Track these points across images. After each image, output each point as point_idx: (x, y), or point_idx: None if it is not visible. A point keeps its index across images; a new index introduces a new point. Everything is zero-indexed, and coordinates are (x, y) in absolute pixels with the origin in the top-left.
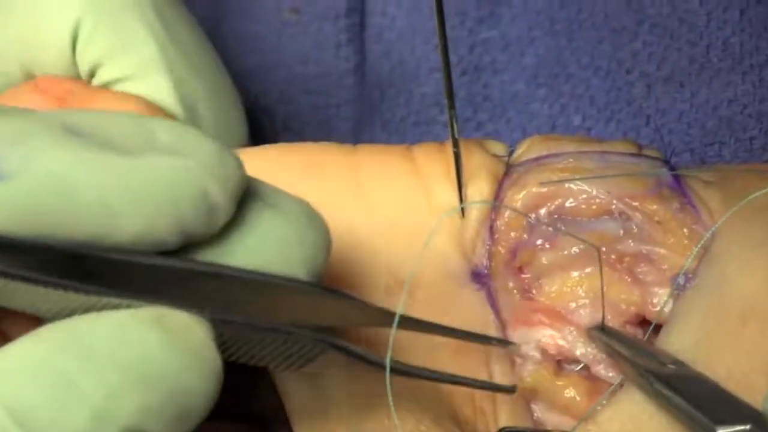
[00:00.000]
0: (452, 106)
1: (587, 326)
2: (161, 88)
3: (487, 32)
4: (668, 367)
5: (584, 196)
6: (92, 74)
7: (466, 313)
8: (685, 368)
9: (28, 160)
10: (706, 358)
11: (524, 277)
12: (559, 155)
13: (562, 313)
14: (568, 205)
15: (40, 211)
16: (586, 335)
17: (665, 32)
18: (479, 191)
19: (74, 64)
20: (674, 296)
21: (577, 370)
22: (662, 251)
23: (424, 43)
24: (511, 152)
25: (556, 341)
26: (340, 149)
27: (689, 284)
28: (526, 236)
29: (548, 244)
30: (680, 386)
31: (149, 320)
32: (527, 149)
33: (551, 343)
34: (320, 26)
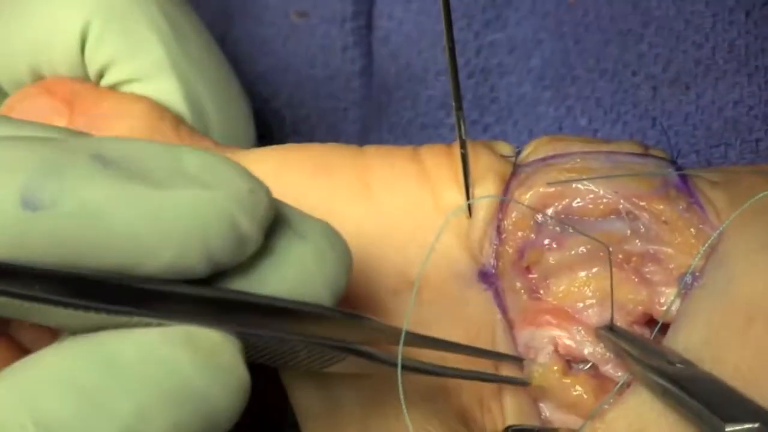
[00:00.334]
0: (459, 107)
1: (595, 325)
2: (169, 90)
3: (493, 35)
4: (676, 366)
5: (591, 196)
6: (101, 75)
7: (473, 313)
8: (692, 367)
9: (61, 192)
10: (713, 356)
11: (531, 277)
12: (566, 155)
13: (569, 312)
14: (575, 205)
15: (71, 241)
16: (594, 334)
17: (671, 34)
18: (486, 192)
19: (83, 65)
20: (681, 295)
21: (585, 369)
22: (669, 251)
23: (431, 46)
24: (518, 153)
25: (563, 341)
26: (347, 150)
27: (696, 283)
28: (533, 236)
29: (555, 243)
30: (688, 385)
31: (179, 339)
32: (534, 150)
33: (559, 342)
34: (327, 29)
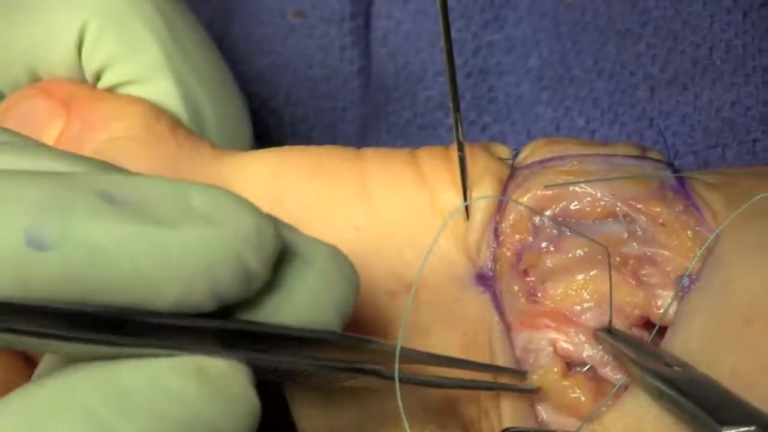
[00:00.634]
0: (457, 109)
1: (594, 328)
2: (166, 92)
3: (491, 35)
4: (674, 368)
5: (588, 198)
6: (98, 77)
7: (470, 315)
8: (690, 370)
9: (66, 231)
10: (710, 358)
11: (529, 279)
12: (563, 158)
13: (567, 315)
14: (572, 207)
15: (78, 280)
16: (592, 337)
17: (669, 35)
18: (484, 194)
19: (80, 67)
20: (678, 298)
21: (583, 371)
22: (666, 253)
23: (429, 46)
24: (515, 155)
25: (561, 344)
26: (345, 153)
27: (693, 286)
28: (531, 239)
29: (553, 246)
30: (685, 387)
31: (188, 369)
32: (531, 152)
33: (557, 345)
34: (326, 29)
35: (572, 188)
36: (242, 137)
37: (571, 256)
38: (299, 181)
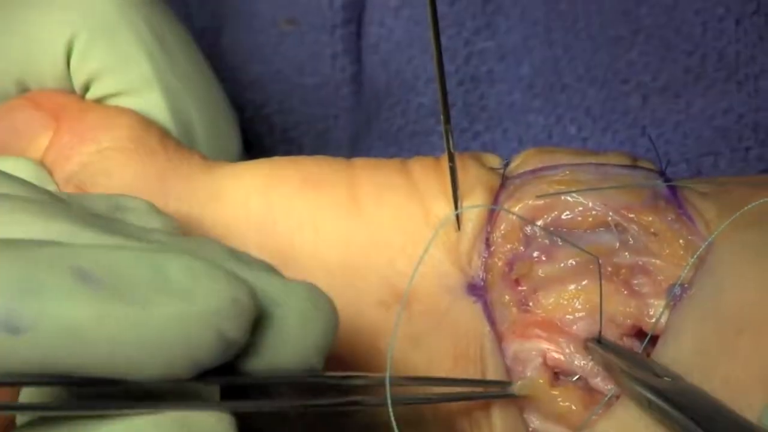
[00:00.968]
0: (448, 120)
1: (585, 338)
2: (155, 103)
3: (483, 42)
4: (664, 379)
5: (580, 208)
6: (86, 88)
7: (462, 325)
8: (680, 381)
9: (40, 314)
10: (701, 367)
11: (521, 289)
12: (554, 167)
13: (558, 325)
14: (564, 217)
15: (54, 360)
16: (583, 347)
17: (661, 42)
18: (475, 205)
19: (69, 78)
20: (670, 307)
21: (573, 380)
22: (658, 262)
23: (421, 53)
24: (506, 165)
25: (552, 354)
26: (335, 163)
27: (685, 295)
28: (522, 249)
29: (545, 256)
30: (676, 399)
31: (172, 425)
32: (523, 162)
33: (548, 355)
34: (317, 36)
35: (564, 198)
36: (231, 148)
37: (562, 265)
38: (289, 192)
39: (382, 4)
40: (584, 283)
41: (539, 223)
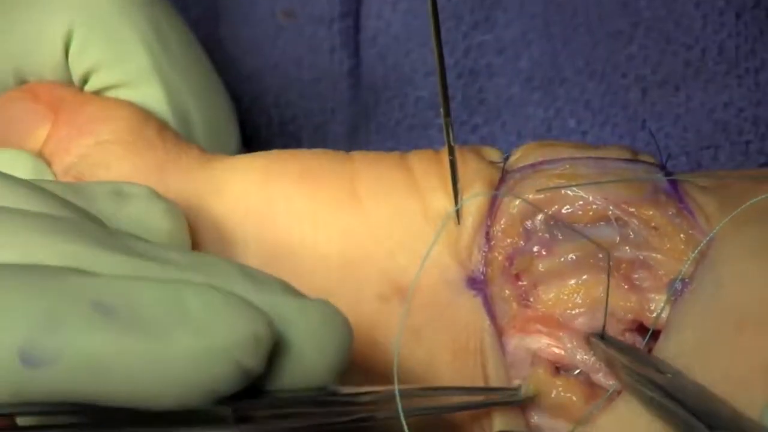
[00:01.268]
0: (448, 114)
1: (587, 333)
2: (153, 95)
3: (482, 36)
4: (666, 375)
5: (581, 202)
6: (85, 81)
7: (462, 320)
8: (682, 377)
9: (62, 347)
10: (703, 362)
11: (521, 284)
12: (554, 161)
13: (559, 320)
14: (564, 211)
15: (73, 391)
16: (584, 342)
17: (661, 36)
18: (475, 198)
19: (67, 70)
20: (671, 302)
21: (575, 374)
22: (659, 257)
23: (419, 46)
24: (506, 158)
25: (553, 349)
26: (334, 157)
27: (686, 289)
28: (522, 243)
29: (545, 250)
30: (677, 395)
31: None
32: (522, 155)
33: (548, 351)
34: (315, 30)
35: (564, 192)
36: (230, 141)
37: (563, 260)
38: (289, 185)
39: None
40: (584, 277)
41: (539, 217)
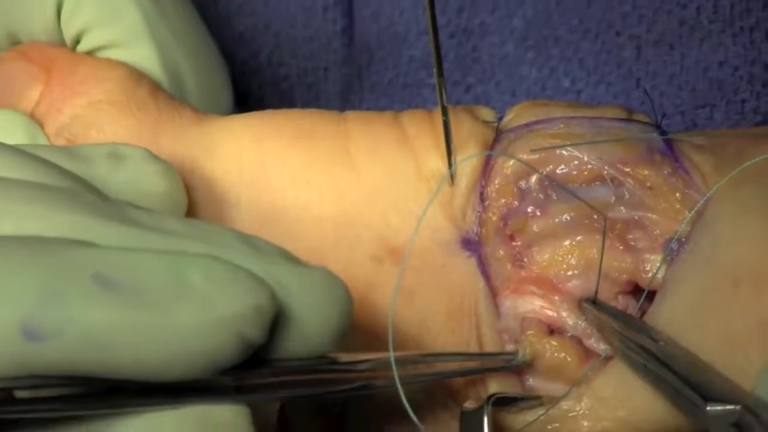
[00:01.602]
0: (441, 74)
1: (579, 298)
2: (146, 56)
3: None
4: (659, 343)
5: (575, 162)
6: (77, 41)
7: (456, 281)
8: (676, 345)
9: (63, 321)
10: (700, 321)
11: (515, 244)
12: (549, 121)
13: (553, 282)
14: (559, 171)
15: (75, 365)
16: (577, 307)
17: None
18: (469, 159)
19: (59, 31)
20: (667, 262)
21: (568, 336)
22: (654, 217)
23: (412, 5)
24: (500, 118)
25: (546, 312)
26: (328, 117)
27: (682, 249)
28: (516, 203)
29: (539, 211)
30: (670, 362)
31: (192, 420)
32: (516, 115)
33: (542, 313)
34: None
35: (559, 152)
36: (223, 102)
37: (557, 220)
38: (282, 145)
39: None
40: (579, 238)
41: (534, 177)
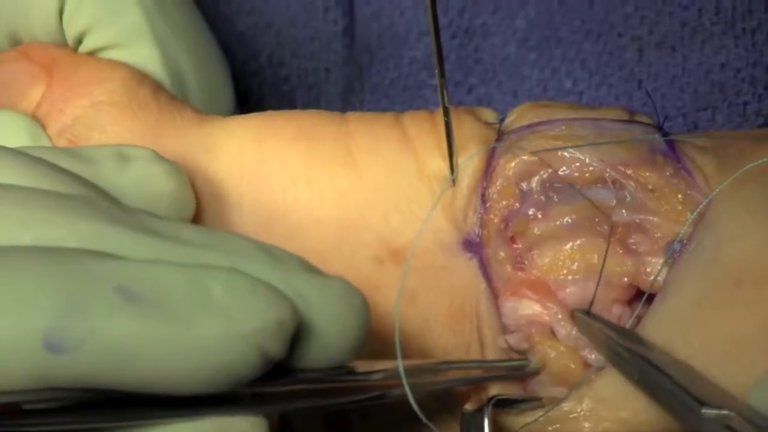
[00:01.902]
0: (442, 75)
1: (572, 308)
2: (148, 56)
3: None
4: (652, 352)
5: (577, 164)
6: (79, 41)
7: (458, 282)
8: (669, 356)
9: (85, 333)
10: (702, 321)
11: (516, 247)
12: (550, 122)
13: (550, 289)
14: (561, 173)
15: (96, 378)
16: (570, 317)
17: None
18: (470, 160)
19: (61, 31)
20: (669, 264)
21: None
22: (655, 219)
23: (413, 6)
24: (502, 119)
25: (544, 317)
26: (329, 117)
27: (684, 251)
28: (518, 205)
29: (541, 213)
30: (666, 369)
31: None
32: (518, 117)
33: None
34: None
35: (561, 153)
36: (224, 102)
37: (559, 223)
38: (283, 146)
39: None
40: (580, 241)
41: (535, 179)
